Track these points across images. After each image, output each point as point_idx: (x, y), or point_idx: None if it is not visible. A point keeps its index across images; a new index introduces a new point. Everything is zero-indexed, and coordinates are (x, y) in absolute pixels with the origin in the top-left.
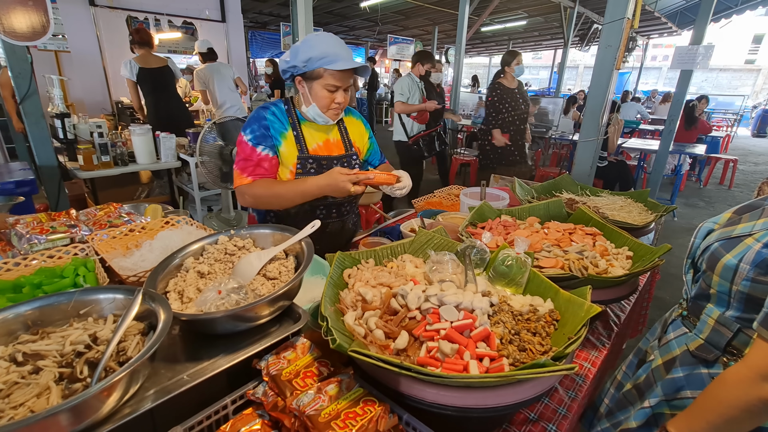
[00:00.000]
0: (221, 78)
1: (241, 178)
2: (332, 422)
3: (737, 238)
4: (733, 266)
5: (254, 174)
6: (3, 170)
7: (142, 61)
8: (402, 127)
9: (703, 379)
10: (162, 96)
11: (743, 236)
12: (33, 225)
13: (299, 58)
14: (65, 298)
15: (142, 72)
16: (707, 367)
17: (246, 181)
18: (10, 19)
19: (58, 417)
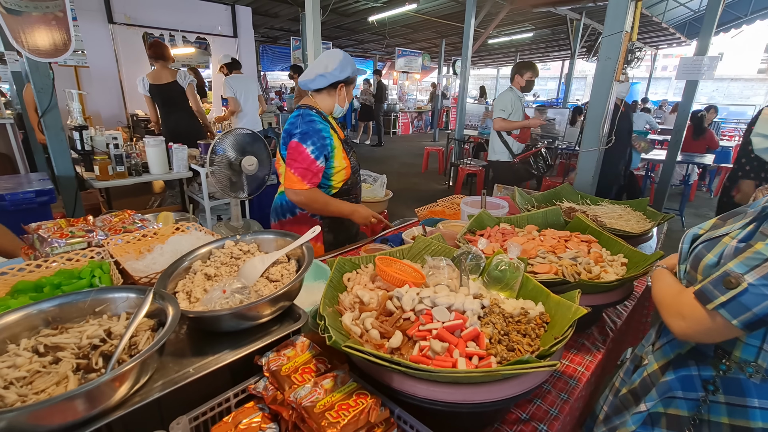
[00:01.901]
0: (249, 90)
1: (302, 184)
2: (326, 413)
3: (717, 239)
4: (714, 264)
5: (312, 182)
6: (23, 180)
7: (153, 77)
8: (504, 146)
9: (694, 380)
10: (171, 110)
11: (722, 236)
12: (53, 230)
13: (348, 71)
14: (82, 297)
15: (153, 88)
16: (698, 369)
17: (305, 187)
18: (34, 37)
19: (75, 401)
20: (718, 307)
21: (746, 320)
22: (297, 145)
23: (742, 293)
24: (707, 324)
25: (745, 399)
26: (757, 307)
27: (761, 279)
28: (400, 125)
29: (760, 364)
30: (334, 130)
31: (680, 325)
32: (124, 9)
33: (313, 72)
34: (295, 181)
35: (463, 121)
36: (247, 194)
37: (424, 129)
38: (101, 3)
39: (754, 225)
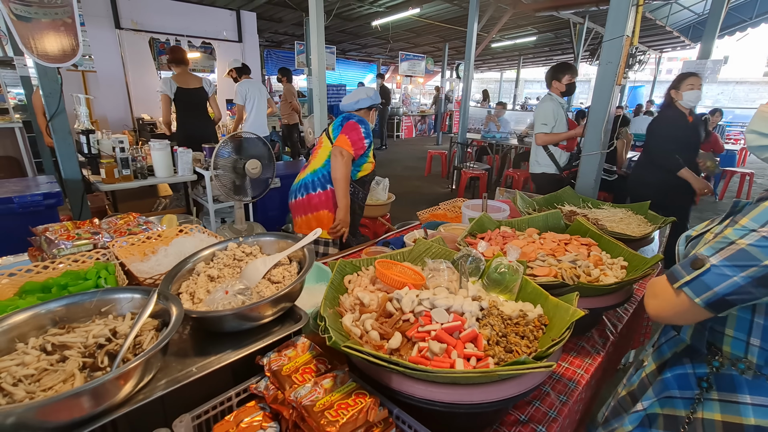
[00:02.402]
0: (260, 95)
1: (350, 148)
2: (326, 412)
3: (700, 236)
4: None
5: (356, 152)
6: (31, 183)
7: (180, 81)
8: (549, 158)
9: (689, 378)
10: (193, 114)
11: (705, 232)
12: (60, 232)
13: (378, 100)
14: (89, 297)
15: (180, 91)
16: (693, 367)
17: (351, 151)
18: (43, 42)
19: (81, 398)
20: (683, 285)
21: (708, 299)
22: (355, 124)
23: (705, 272)
24: (674, 302)
25: (736, 395)
26: (719, 286)
27: (724, 261)
28: (403, 129)
29: (750, 359)
30: None
31: (652, 303)
32: (131, 15)
33: (357, 97)
34: (347, 144)
35: (466, 124)
36: (250, 197)
37: (427, 132)
38: (109, 9)
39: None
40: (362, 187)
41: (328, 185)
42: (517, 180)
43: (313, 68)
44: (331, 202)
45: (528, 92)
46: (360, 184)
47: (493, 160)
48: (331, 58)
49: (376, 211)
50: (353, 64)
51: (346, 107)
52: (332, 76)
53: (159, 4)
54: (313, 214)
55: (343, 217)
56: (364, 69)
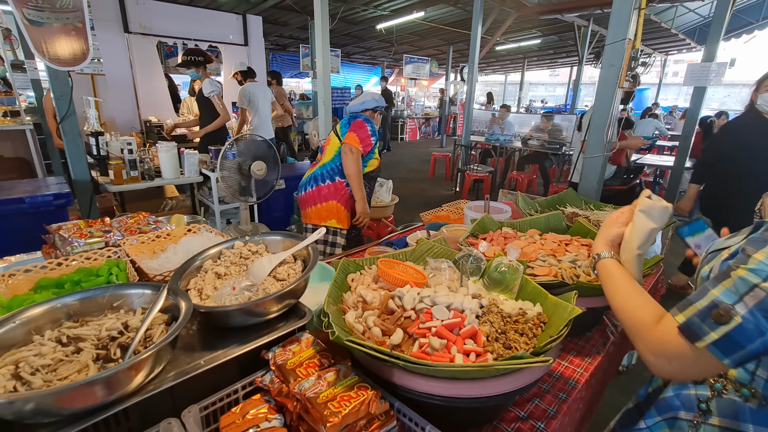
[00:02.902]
0: (264, 98)
1: (358, 144)
2: (329, 403)
3: (717, 252)
4: (705, 277)
5: (363, 149)
6: (42, 184)
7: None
8: None
9: (692, 399)
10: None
11: (721, 249)
12: (73, 230)
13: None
14: (101, 292)
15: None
16: (695, 386)
17: (359, 147)
18: (55, 47)
19: (95, 386)
20: (709, 346)
21: (739, 358)
22: (362, 123)
23: (736, 329)
24: (694, 362)
25: (738, 423)
26: (752, 344)
27: (754, 310)
28: (407, 131)
29: (755, 389)
30: None
31: (665, 368)
32: (140, 19)
33: (363, 99)
34: (355, 140)
35: (470, 127)
36: (255, 198)
37: (431, 135)
38: (118, 13)
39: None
40: (368, 182)
41: (336, 177)
42: (521, 182)
43: (318, 71)
44: (339, 193)
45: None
46: (365, 179)
47: (497, 163)
48: (336, 61)
49: (380, 213)
50: (358, 67)
51: (352, 109)
52: (337, 78)
53: (167, 9)
54: (323, 204)
55: (362, 209)
56: (369, 72)
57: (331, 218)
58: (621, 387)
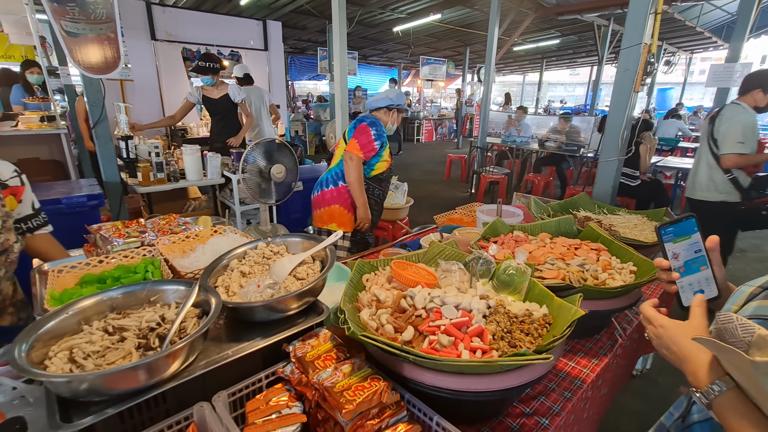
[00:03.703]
0: (259, 101)
1: (359, 152)
2: (344, 392)
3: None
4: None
5: (365, 155)
6: (75, 186)
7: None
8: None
9: None
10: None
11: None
12: (113, 231)
13: (402, 101)
14: (140, 288)
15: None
16: None
17: (360, 155)
18: (89, 55)
19: (138, 371)
20: None
21: None
22: (365, 127)
23: None
24: None
25: None
26: None
27: None
28: (423, 132)
29: None
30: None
31: None
32: (166, 27)
33: (378, 97)
34: (356, 148)
35: (486, 129)
36: (274, 200)
37: (447, 136)
38: (146, 22)
39: None
40: (378, 184)
41: (339, 182)
42: (537, 185)
43: (335, 74)
44: (341, 198)
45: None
46: (375, 181)
47: (513, 165)
48: (353, 63)
49: (395, 215)
50: (375, 69)
51: (368, 106)
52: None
53: (191, 17)
54: (326, 208)
55: (362, 215)
56: (386, 73)
57: (332, 222)
58: (634, 391)
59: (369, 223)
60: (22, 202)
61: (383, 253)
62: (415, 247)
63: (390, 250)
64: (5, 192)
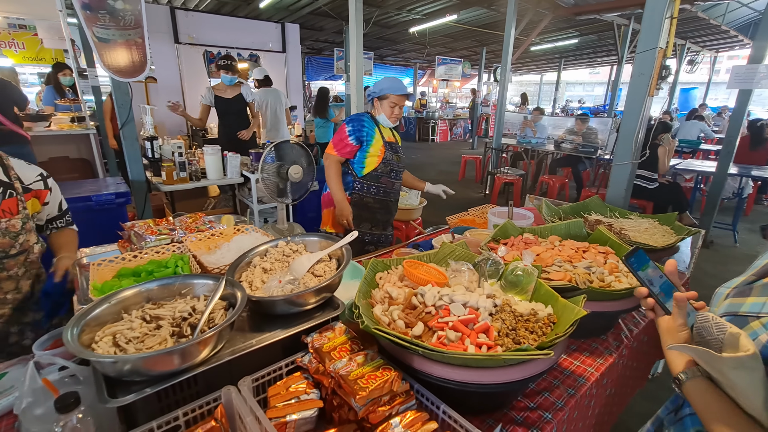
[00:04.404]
0: (277, 103)
1: (332, 150)
2: (358, 380)
3: (744, 317)
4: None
5: (340, 152)
6: (102, 184)
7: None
8: None
9: None
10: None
11: (750, 316)
12: (145, 228)
13: (379, 87)
14: (173, 281)
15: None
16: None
17: (333, 153)
18: (117, 59)
19: (173, 355)
20: None
21: None
22: (342, 126)
23: None
24: None
25: None
26: None
27: None
28: (438, 132)
29: None
30: (380, 132)
31: None
32: (188, 30)
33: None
34: (330, 147)
35: (501, 130)
36: (292, 200)
37: (462, 137)
38: (170, 26)
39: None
40: (374, 182)
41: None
42: (552, 186)
43: (351, 75)
44: (330, 201)
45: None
46: (369, 179)
47: (528, 166)
48: (369, 63)
49: (408, 215)
50: (390, 69)
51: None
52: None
53: (213, 20)
54: (324, 211)
55: (337, 212)
56: (401, 73)
57: (325, 225)
58: (646, 394)
59: (345, 219)
60: (48, 204)
61: (396, 253)
62: (427, 247)
63: (402, 250)
64: (28, 196)
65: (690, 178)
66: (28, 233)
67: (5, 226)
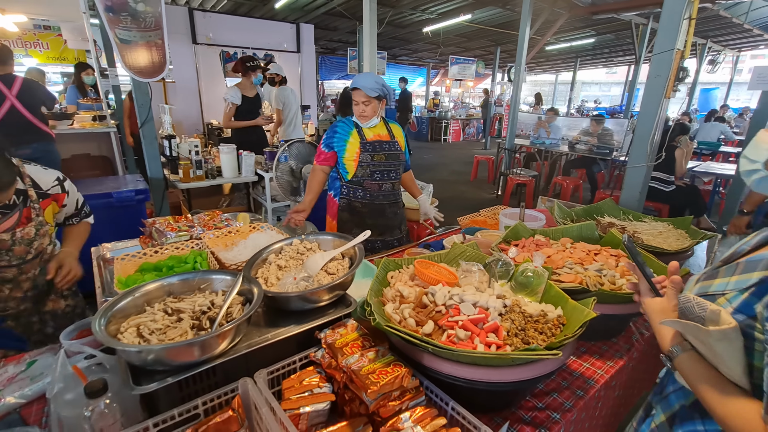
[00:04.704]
0: (296, 102)
1: (314, 159)
2: (369, 375)
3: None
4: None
5: (319, 161)
6: (122, 181)
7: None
8: None
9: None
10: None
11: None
12: (166, 225)
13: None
14: (193, 276)
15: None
16: (703, 423)
17: (315, 162)
18: (138, 60)
19: (193, 347)
20: None
21: None
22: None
23: None
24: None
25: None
26: None
27: None
28: (451, 132)
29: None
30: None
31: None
32: (206, 31)
33: None
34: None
35: (514, 130)
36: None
37: (475, 137)
38: (188, 27)
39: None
40: (358, 186)
41: (329, 191)
42: (566, 188)
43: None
44: (328, 205)
45: (585, 95)
46: (354, 183)
47: (541, 167)
48: (382, 63)
49: (419, 215)
50: (403, 68)
51: None
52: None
53: (229, 21)
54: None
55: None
56: (414, 73)
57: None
58: None
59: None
60: (66, 205)
61: (407, 253)
62: (438, 247)
63: (414, 250)
64: (46, 201)
65: (709, 181)
66: (42, 237)
67: (20, 236)
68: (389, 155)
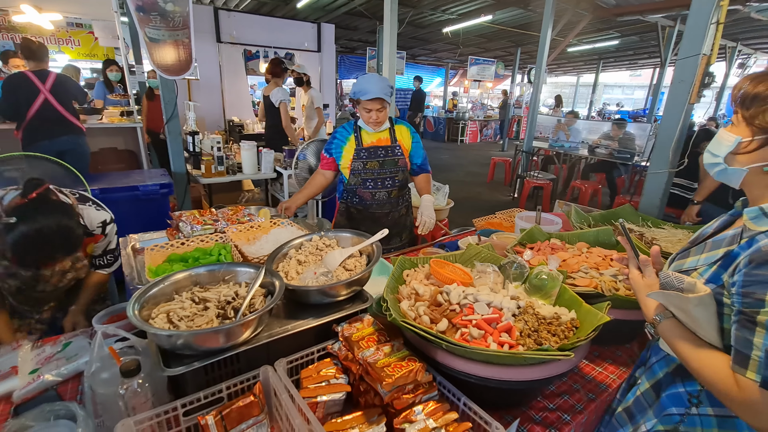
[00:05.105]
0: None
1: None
2: (385, 368)
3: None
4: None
5: (321, 164)
6: (147, 175)
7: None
8: None
9: (682, 396)
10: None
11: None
12: (191, 218)
13: (353, 91)
14: (219, 267)
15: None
16: (684, 385)
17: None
18: (166, 58)
19: (219, 334)
20: None
21: None
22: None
23: None
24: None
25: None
26: None
27: None
28: (468, 133)
29: None
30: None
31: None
32: (230, 29)
33: None
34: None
35: (533, 133)
36: (321, 196)
37: (492, 138)
38: (212, 26)
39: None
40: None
41: (336, 194)
42: (584, 192)
43: (383, 74)
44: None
45: (607, 97)
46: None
47: (559, 170)
48: (401, 63)
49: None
50: (422, 68)
51: None
52: (401, 80)
53: (252, 20)
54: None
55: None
56: (433, 73)
57: None
58: None
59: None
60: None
61: (423, 252)
62: (453, 248)
63: (429, 250)
64: (88, 240)
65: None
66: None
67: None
68: (384, 162)
